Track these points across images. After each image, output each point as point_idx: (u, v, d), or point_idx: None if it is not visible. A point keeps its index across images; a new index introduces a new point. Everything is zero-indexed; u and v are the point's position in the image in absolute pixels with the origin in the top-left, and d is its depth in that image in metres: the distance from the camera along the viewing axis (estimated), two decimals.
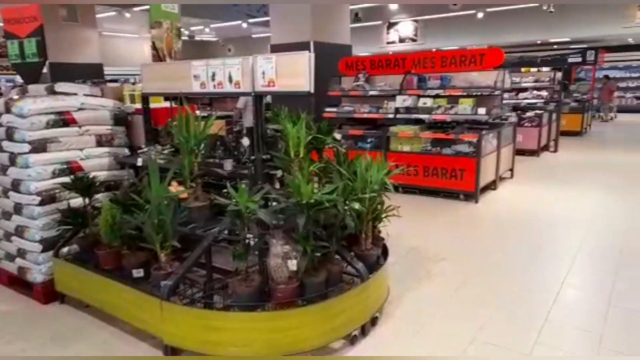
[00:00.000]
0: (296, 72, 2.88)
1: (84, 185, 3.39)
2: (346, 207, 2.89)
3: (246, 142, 3.34)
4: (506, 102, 9.18)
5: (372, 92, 7.07)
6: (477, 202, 6.11)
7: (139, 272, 3.00)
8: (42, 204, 3.41)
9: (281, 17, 7.72)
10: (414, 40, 17.98)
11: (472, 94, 6.32)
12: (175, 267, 2.87)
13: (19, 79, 8.33)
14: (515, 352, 2.80)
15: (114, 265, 3.16)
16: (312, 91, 2.87)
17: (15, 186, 3.49)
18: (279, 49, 7.08)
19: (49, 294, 3.50)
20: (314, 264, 2.77)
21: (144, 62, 4.02)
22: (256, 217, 2.70)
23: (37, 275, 3.49)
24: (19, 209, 3.51)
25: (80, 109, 3.64)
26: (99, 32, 11.76)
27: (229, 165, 3.26)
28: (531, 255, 4.31)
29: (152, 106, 3.93)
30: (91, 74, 9.33)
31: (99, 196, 3.61)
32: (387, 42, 18.49)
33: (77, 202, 3.49)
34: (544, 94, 11.03)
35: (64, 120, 3.53)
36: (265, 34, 17.14)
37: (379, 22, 18.02)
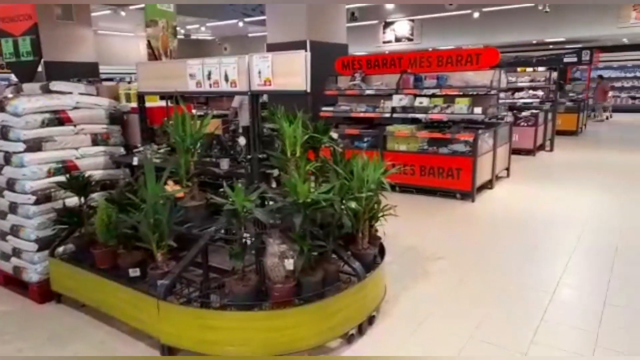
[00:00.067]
0: (292, 71, 2.88)
1: (80, 184, 3.38)
2: (343, 206, 2.90)
3: (242, 141, 3.34)
4: (502, 102, 9.22)
5: (368, 92, 7.08)
6: (473, 201, 6.13)
7: (135, 272, 3.00)
8: (37, 203, 3.40)
9: (277, 16, 7.71)
10: (410, 39, 18.00)
11: (468, 93, 6.35)
12: (171, 266, 2.86)
13: (13, 77, 8.30)
14: (512, 350, 2.81)
15: (110, 264, 3.15)
16: (308, 90, 2.87)
17: (10, 185, 3.48)
18: (275, 48, 7.08)
19: (45, 293, 3.48)
20: (310, 263, 2.77)
21: (139, 61, 4.01)
22: (253, 217, 2.70)
23: (32, 274, 3.48)
24: (14, 208, 3.50)
25: (75, 108, 3.63)
26: (94, 30, 11.70)
27: (225, 164, 3.26)
28: (527, 254, 4.33)
29: (148, 105, 3.91)
30: (86, 73, 9.29)
31: (95, 195, 3.60)
32: (384, 42, 18.50)
33: (72, 201, 3.48)
34: (540, 93, 11.08)
35: (59, 119, 3.52)
36: (261, 33, 17.12)
37: (375, 22, 18.02)
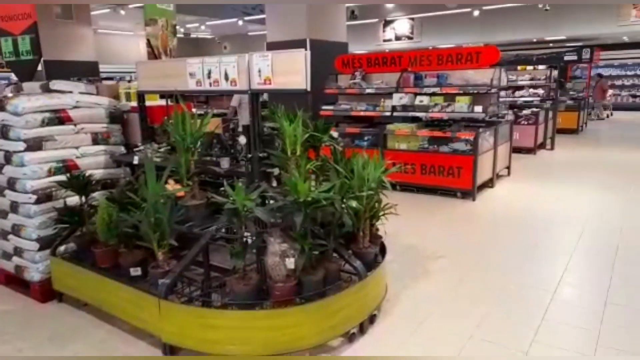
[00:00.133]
0: (292, 70, 2.88)
1: (80, 183, 3.38)
2: (343, 205, 2.89)
3: (243, 140, 3.33)
4: (503, 100, 9.23)
5: (368, 90, 7.07)
6: (474, 199, 6.13)
7: (136, 271, 3.00)
8: (38, 202, 3.40)
9: (277, 15, 7.70)
10: (410, 38, 17.98)
11: (469, 92, 6.33)
12: (172, 265, 2.86)
13: (13, 76, 8.30)
14: (512, 349, 2.81)
15: (111, 263, 3.16)
16: (308, 89, 2.86)
17: (11, 184, 3.48)
18: (275, 47, 7.08)
19: (46, 292, 3.49)
20: (311, 262, 2.77)
21: (139, 60, 4.01)
22: (253, 215, 2.70)
23: (34, 273, 3.48)
24: (15, 207, 3.50)
25: (75, 107, 3.63)
26: (94, 29, 11.69)
27: (225, 163, 3.26)
28: (528, 253, 4.32)
29: (148, 104, 3.91)
30: (86, 72, 9.28)
31: (96, 194, 3.60)
32: (384, 40, 18.48)
33: (73, 200, 3.48)
34: (540, 92, 11.08)
35: (59, 118, 3.52)
36: (261, 32, 17.08)
37: (375, 20, 18.00)
